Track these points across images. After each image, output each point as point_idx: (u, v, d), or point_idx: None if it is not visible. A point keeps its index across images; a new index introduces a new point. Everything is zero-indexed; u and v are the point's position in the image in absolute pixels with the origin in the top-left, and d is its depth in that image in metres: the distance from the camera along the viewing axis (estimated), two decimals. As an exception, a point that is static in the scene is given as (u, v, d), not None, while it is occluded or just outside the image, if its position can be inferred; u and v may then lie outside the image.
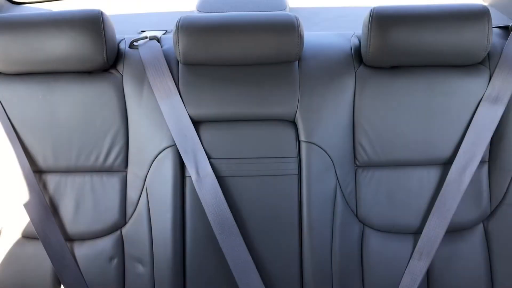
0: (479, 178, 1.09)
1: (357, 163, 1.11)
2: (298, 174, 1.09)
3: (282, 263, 1.09)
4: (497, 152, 1.09)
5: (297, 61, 1.11)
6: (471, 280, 1.09)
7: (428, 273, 1.10)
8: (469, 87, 1.08)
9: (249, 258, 1.06)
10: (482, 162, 1.09)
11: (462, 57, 1.05)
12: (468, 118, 1.08)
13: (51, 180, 1.10)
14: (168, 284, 1.07)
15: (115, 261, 1.08)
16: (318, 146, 1.07)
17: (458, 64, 1.08)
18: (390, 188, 1.10)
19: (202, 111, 1.09)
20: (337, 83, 1.09)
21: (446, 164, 1.09)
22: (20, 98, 1.09)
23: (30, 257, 1.09)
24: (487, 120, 1.06)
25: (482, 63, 1.09)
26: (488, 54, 1.09)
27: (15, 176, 1.06)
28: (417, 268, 1.06)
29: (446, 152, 1.09)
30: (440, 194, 1.06)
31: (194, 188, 1.06)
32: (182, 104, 1.08)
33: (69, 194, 1.09)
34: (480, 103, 1.07)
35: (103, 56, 1.04)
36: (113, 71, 1.10)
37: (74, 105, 1.09)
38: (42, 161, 1.09)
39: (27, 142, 1.09)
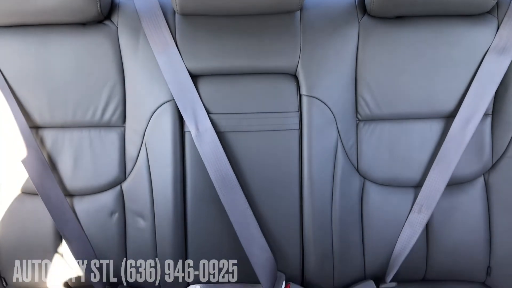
0: (482, 131, 1.11)
1: (359, 117, 1.12)
2: (299, 129, 1.10)
3: (282, 217, 1.12)
4: (501, 105, 1.10)
5: (298, 11, 1.09)
6: (470, 232, 1.12)
7: (428, 225, 1.13)
8: (475, 37, 1.07)
9: (250, 212, 1.08)
10: (485, 115, 1.10)
11: (470, 5, 1.04)
12: (473, 69, 1.08)
13: (48, 136, 1.11)
14: (170, 238, 1.10)
15: (116, 215, 1.11)
16: (320, 100, 1.07)
17: (466, 13, 1.07)
18: (391, 142, 1.11)
19: (200, 65, 1.08)
20: (340, 34, 1.08)
21: (449, 117, 1.10)
22: (13, 51, 1.08)
23: (30, 212, 1.11)
24: (493, 71, 1.06)
25: (490, 12, 1.08)
26: (497, 2, 1.08)
27: (11, 131, 1.07)
28: (417, 220, 1.09)
29: (450, 104, 1.10)
30: (442, 148, 1.08)
31: (194, 143, 1.07)
32: (180, 57, 1.07)
33: (67, 149, 1.10)
34: (486, 54, 1.07)
35: (97, 6, 1.03)
36: (107, 22, 1.09)
37: (68, 59, 1.08)
38: (38, 116, 1.10)
39: (22, 97, 1.09)
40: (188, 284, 1.19)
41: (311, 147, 1.09)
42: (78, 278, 1.15)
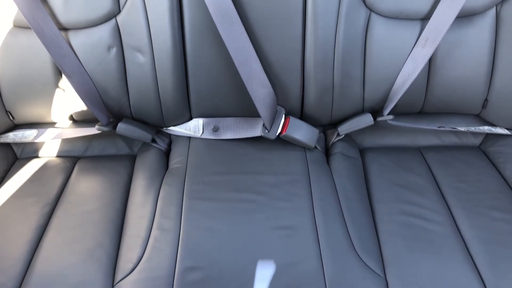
0: None
1: None
2: None
3: (284, 51, 1.12)
4: None
5: None
6: (472, 65, 1.13)
7: (431, 59, 1.14)
8: None
9: (251, 47, 1.08)
10: None
11: None
12: None
13: None
14: (170, 74, 1.12)
15: (113, 50, 1.11)
16: None
17: None
18: None
19: None
20: None
21: None
22: None
23: (26, 47, 1.10)
24: None
25: None
26: None
27: None
28: (420, 55, 1.09)
29: None
30: None
31: None
32: None
33: None
34: None
35: None
36: None
37: None
38: None
39: None
40: (191, 118, 1.25)
41: None
42: (83, 112, 1.20)
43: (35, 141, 1.23)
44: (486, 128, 1.23)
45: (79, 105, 1.18)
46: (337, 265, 0.92)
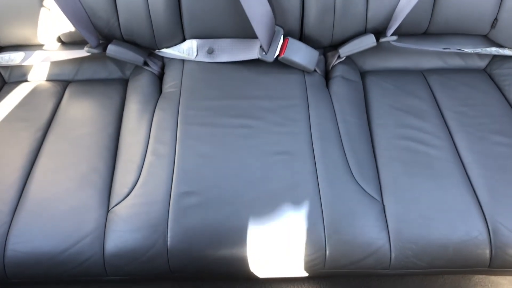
0: None
1: None
2: None
3: None
4: None
5: None
6: None
7: None
8: None
9: None
10: None
11: None
12: None
13: None
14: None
15: None
16: None
17: None
18: None
19: None
20: None
21: None
22: None
23: None
24: None
25: None
26: None
27: None
28: None
29: None
30: None
31: None
32: None
33: None
34: None
35: None
36: None
37: None
38: None
39: None
40: (184, 39, 1.20)
41: None
42: (70, 33, 1.15)
43: (23, 64, 1.18)
44: (494, 50, 1.18)
45: (67, 26, 1.13)
46: (333, 189, 0.91)
